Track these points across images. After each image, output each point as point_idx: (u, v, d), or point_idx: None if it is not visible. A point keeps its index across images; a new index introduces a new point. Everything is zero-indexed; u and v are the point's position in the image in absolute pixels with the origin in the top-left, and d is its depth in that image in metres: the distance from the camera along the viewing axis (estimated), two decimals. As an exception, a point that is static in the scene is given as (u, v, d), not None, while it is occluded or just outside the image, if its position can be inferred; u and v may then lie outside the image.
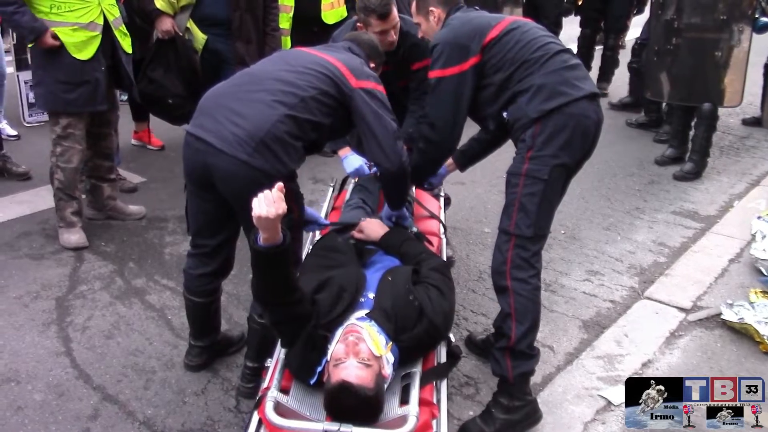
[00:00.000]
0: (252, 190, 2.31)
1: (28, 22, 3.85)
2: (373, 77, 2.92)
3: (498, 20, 2.95)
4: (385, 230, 3.00)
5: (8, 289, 3.81)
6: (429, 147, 3.14)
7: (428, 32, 3.23)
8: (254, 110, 2.64)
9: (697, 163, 5.77)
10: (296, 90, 2.68)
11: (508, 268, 2.86)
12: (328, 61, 2.82)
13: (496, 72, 2.88)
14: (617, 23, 7.66)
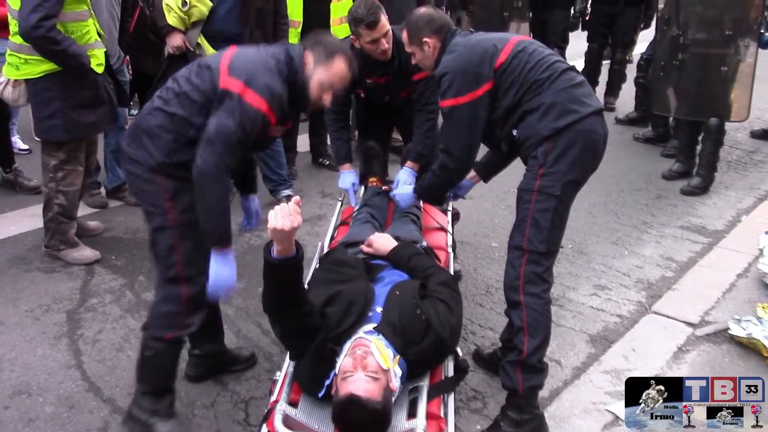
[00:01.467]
0: (129, 175, 2.72)
1: (81, 48, 3.86)
2: (248, 82, 2.53)
3: (503, 42, 2.96)
4: (393, 245, 3.03)
5: (20, 302, 3.85)
6: (445, 172, 3.20)
7: (424, 61, 3.24)
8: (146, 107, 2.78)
9: (705, 177, 5.78)
10: (175, 86, 2.67)
11: (521, 283, 2.90)
12: (219, 55, 2.67)
13: (505, 95, 2.91)
14: (624, 38, 7.68)
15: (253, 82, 2.50)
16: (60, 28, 3.78)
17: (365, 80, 4.06)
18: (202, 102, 2.58)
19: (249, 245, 4.58)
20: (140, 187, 2.72)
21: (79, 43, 3.88)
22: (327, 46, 2.68)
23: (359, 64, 3.97)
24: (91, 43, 3.97)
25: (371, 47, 3.80)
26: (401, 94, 4.08)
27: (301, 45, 2.73)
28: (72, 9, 3.82)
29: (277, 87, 2.54)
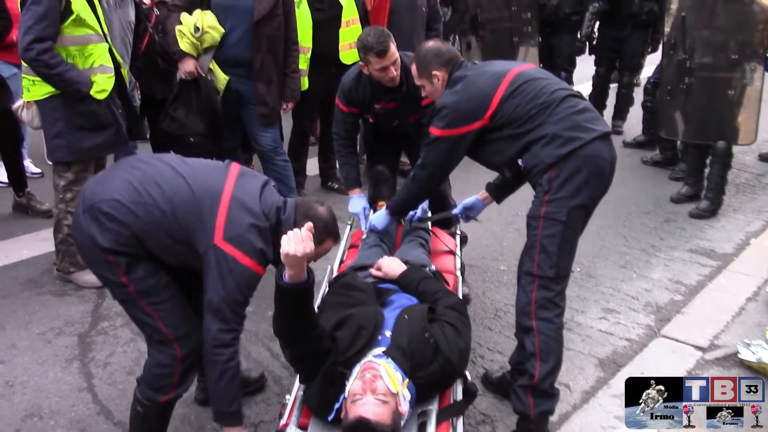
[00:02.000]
0: (78, 245, 2.64)
1: (79, 75, 3.87)
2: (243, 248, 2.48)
3: (500, 81, 3.03)
4: (402, 269, 3.05)
5: (32, 325, 3.88)
6: (414, 183, 3.35)
7: (433, 94, 3.33)
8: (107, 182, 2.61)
9: (713, 200, 5.79)
10: (156, 189, 2.52)
11: (533, 309, 2.93)
12: (217, 200, 2.52)
13: (504, 127, 2.98)
14: (632, 62, 7.72)
15: (252, 251, 2.46)
16: (62, 51, 3.84)
17: (374, 106, 4.11)
18: (180, 234, 2.50)
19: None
20: (89, 260, 2.62)
21: (81, 66, 3.91)
22: (319, 230, 2.50)
23: (368, 91, 4.04)
24: (95, 67, 3.96)
25: (380, 74, 3.86)
26: (410, 118, 4.13)
27: (294, 210, 2.59)
28: (72, 33, 3.84)
29: (268, 253, 2.51)
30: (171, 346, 2.66)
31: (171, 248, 2.52)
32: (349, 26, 5.43)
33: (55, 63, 3.79)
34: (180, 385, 2.74)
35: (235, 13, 4.58)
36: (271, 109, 4.82)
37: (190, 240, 2.48)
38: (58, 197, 4.18)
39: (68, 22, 3.80)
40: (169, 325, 2.64)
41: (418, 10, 5.76)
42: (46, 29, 3.74)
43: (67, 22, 3.80)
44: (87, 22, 3.88)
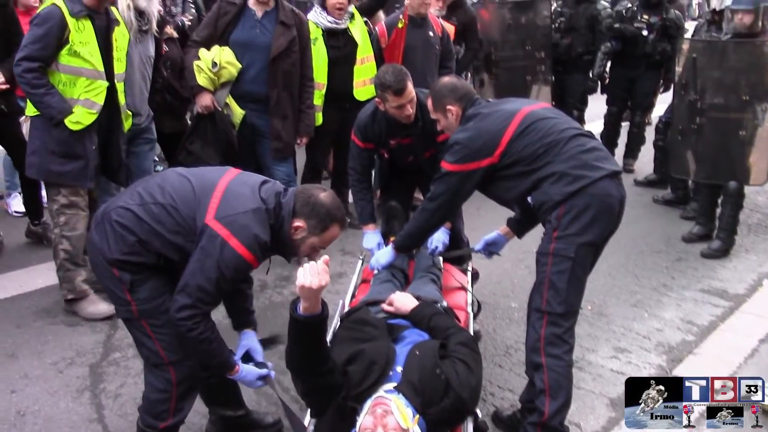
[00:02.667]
0: (90, 261, 2.76)
1: (58, 102, 3.93)
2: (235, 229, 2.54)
3: (510, 119, 3.10)
4: (414, 304, 3.07)
5: (44, 354, 3.90)
6: (422, 215, 3.40)
7: (448, 128, 3.40)
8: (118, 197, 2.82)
9: (725, 240, 5.78)
10: (157, 191, 2.65)
11: (542, 345, 2.95)
12: (212, 186, 2.63)
13: (514, 164, 3.03)
14: (644, 101, 7.77)
15: (240, 231, 2.51)
16: (54, 76, 3.93)
17: (389, 141, 4.17)
18: (182, 225, 2.58)
19: (270, 302, 4.62)
20: (99, 275, 2.74)
21: (67, 95, 3.97)
22: (321, 217, 2.61)
23: (384, 126, 4.10)
24: (79, 99, 4.00)
25: (396, 112, 3.92)
26: (425, 154, 4.18)
27: (293, 197, 2.64)
28: (67, 62, 3.92)
29: (262, 236, 2.55)
30: (166, 371, 2.74)
31: (172, 244, 2.61)
32: (364, 63, 5.50)
33: (36, 83, 3.89)
34: (177, 411, 2.81)
35: (252, 50, 4.67)
36: (286, 143, 4.88)
37: (190, 228, 2.57)
38: (53, 222, 4.25)
39: (64, 50, 3.89)
40: (167, 348, 2.73)
41: (432, 48, 5.83)
42: (38, 51, 3.86)
43: (63, 50, 3.89)
44: (82, 56, 3.94)
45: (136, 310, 2.67)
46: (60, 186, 4.12)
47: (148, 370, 2.82)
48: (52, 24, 3.83)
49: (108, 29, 4.08)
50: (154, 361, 2.75)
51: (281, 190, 2.68)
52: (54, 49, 3.87)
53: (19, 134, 4.70)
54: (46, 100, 3.92)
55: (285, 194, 2.66)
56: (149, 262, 2.64)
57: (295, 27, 4.76)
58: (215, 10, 4.81)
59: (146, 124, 4.83)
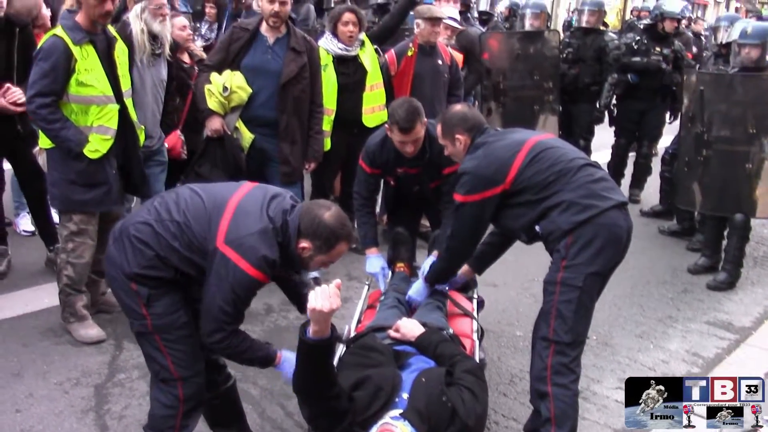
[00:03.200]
0: (107, 275, 2.80)
1: (74, 135, 3.93)
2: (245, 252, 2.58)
3: (519, 148, 3.15)
4: (421, 331, 3.07)
5: (50, 374, 3.90)
6: (447, 254, 3.47)
7: (456, 155, 3.45)
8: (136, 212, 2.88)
9: (731, 273, 5.77)
10: (174, 208, 2.70)
11: (548, 374, 2.95)
12: (222, 206, 2.67)
13: (523, 193, 3.06)
14: (653, 132, 7.82)
15: (249, 253, 2.55)
16: (65, 107, 3.92)
17: (396, 169, 4.20)
18: (195, 243, 2.64)
19: (276, 326, 4.63)
20: (116, 289, 2.80)
21: (80, 123, 3.96)
22: (326, 237, 2.63)
23: (392, 155, 4.14)
24: (93, 126, 3.99)
25: (399, 145, 4.02)
26: (431, 185, 4.22)
27: (298, 216, 2.65)
28: (77, 92, 3.90)
29: (270, 256, 2.58)
30: (174, 386, 2.78)
31: (189, 260, 2.67)
32: (373, 90, 5.56)
33: (52, 119, 3.88)
34: (182, 428, 2.84)
35: (263, 75, 4.72)
36: (294, 168, 4.91)
37: (202, 247, 2.62)
38: (60, 246, 4.25)
39: (72, 80, 3.88)
40: (178, 364, 2.77)
41: (441, 76, 5.89)
42: (48, 85, 3.84)
43: (71, 80, 3.88)
44: (89, 83, 3.92)
45: (151, 324, 2.72)
46: (72, 213, 4.13)
47: (155, 386, 2.85)
48: (57, 56, 3.82)
49: (110, 49, 4.07)
50: (163, 376, 2.78)
51: (288, 208, 2.70)
52: (64, 81, 3.86)
53: (30, 157, 4.73)
54: (63, 134, 3.91)
55: (291, 212, 2.68)
56: (167, 276, 2.69)
57: (306, 53, 4.80)
58: (228, 35, 4.87)
59: (158, 146, 4.86)
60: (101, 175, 4.08)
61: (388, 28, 6.20)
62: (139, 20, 4.44)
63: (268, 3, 4.62)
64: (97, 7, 3.85)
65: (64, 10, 4.14)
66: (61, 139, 3.94)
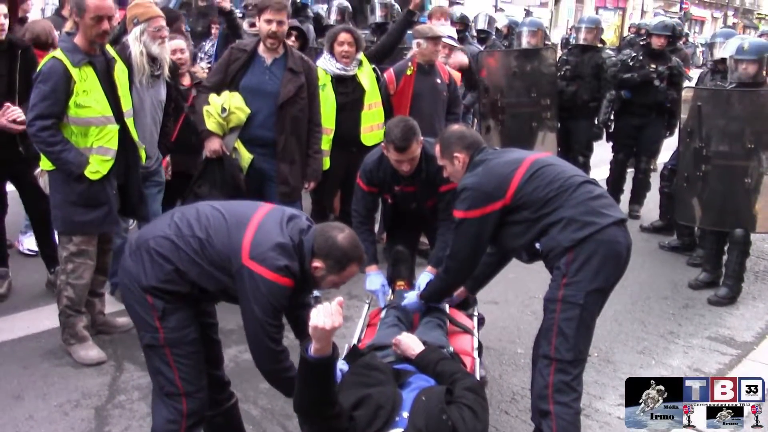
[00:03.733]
0: (121, 285, 2.85)
1: (75, 157, 3.94)
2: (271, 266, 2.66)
3: (518, 164, 3.16)
4: (421, 348, 3.07)
5: (50, 396, 3.89)
6: (447, 275, 3.45)
7: (454, 174, 3.46)
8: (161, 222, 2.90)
9: (732, 288, 5.76)
10: (195, 224, 2.76)
11: (550, 393, 2.94)
12: (243, 225, 2.73)
13: (523, 210, 3.07)
14: (651, 147, 7.84)
15: (273, 265, 2.63)
16: (65, 128, 3.93)
17: (393, 187, 4.22)
18: (217, 259, 2.71)
19: (276, 345, 4.61)
20: (130, 301, 2.83)
21: (80, 145, 3.97)
22: (338, 258, 2.71)
23: (389, 173, 4.15)
24: (93, 148, 4.01)
25: (395, 164, 4.06)
26: (428, 202, 4.24)
27: (313, 237, 2.72)
28: (76, 114, 3.91)
29: (292, 267, 2.66)
30: (179, 401, 2.81)
31: (210, 275, 2.72)
32: (371, 109, 5.59)
33: (53, 141, 3.89)
34: None
35: (261, 96, 4.74)
36: (293, 188, 4.93)
37: (224, 263, 2.68)
38: (61, 268, 4.25)
39: (71, 102, 3.89)
40: (184, 379, 2.80)
41: (439, 95, 5.92)
42: (49, 107, 3.85)
43: (70, 102, 3.89)
44: (88, 105, 3.93)
45: (163, 337, 2.76)
46: (73, 234, 4.14)
47: (159, 401, 2.87)
48: (57, 79, 3.84)
49: (109, 69, 4.09)
50: (168, 390, 2.81)
51: (305, 228, 2.78)
52: (64, 103, 3.87)
53: (32, 179, 4.74)
54: (64, 157, 3.92)
55: (307, 232, 2.75)
56: (183, 290, 2.74)
57: (304, 73, 4.83)
58: (226, 56, 4.90)
59: (155, 167, 4.88)
60: (102, 196, 4.09)
61: (386, 47, 6.25)
62: (138, 42, 4.46)
63: (266, 24, 4.66)
64: (94, 28, 3.88)
65: (63, 33, 4.17)
66: (62, 161, 3.95)
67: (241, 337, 4.57)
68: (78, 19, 3.92)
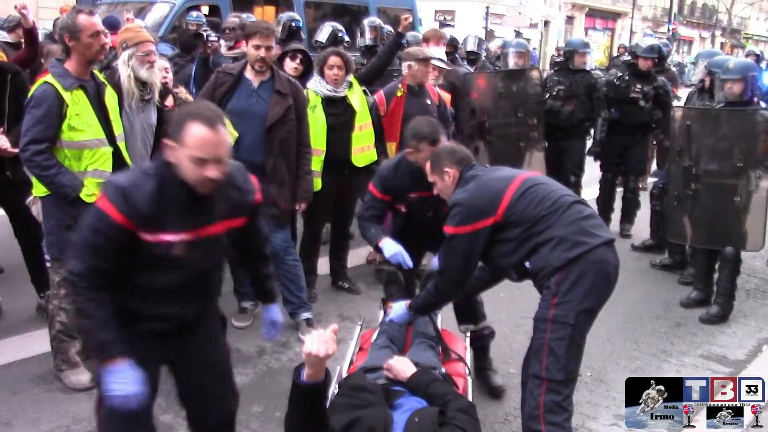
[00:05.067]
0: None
1: (70, 180, 3.93)
2: None
3: (510, 181, 3.20)
4: (413, 370, 3.06)
5: (40, 422, 3.86)
6: (438, 293, 3.44)
7: (444, 190, 3.48)
8: None
9: (723, 306, 5.77)
10: None
11: (541, 413, 2.94)
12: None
13: (514, 228, 3.09)
14: (638, 166, 7.91)
15: (107, 187, 2.55)
16: (59, 152, 3.92)
17: (409, 195, 4.21)
18: None
19: (268, 368, 4.59)
20: None
21: (75, 169, 3.96)
22: (176, 121, 2.51)
23: (405, 180, 4.16)
24: (87, 171, 4.00)
25: (423, 162, 3.96)
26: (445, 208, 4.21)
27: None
28: (69, 137, 3.91)
29: (133, 190, 2.48)
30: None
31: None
32: (362, 130, 5.60)
33: (47, 165, 3.87)
34: None
35: (248, 119, 4.74)
36: (283, 210, 4.92)
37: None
38: (53, 293, 4.22)
39: (64, 126, 3.89)
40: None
41: (430, 116, 5.94)
42: (42, 131, 3.84)
43: (63, 126, 3.89)
44: (81, 128, 3.93)
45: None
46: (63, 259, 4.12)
47: None
48: (49, 103, 3.84)
49: (99, 93, 4.10)
50: None
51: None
52: (57, 127, 3.87)
53: (21, 203, 4.72)
54: (59, 180, 3.91)
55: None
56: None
57: (291, 95, 4.85)
58: (212, 80, 4.91)
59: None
60: None
61: (376, 69, 6.28)
62: (127, 66, 4.48)
63: (254, 49, 4.68)
64: (92, 45, 3.91)
65: (53, 59, 4.17)
66: (56, 185, 3.93)
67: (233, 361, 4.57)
68: (72, 42, 3.92)
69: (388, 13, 11.72)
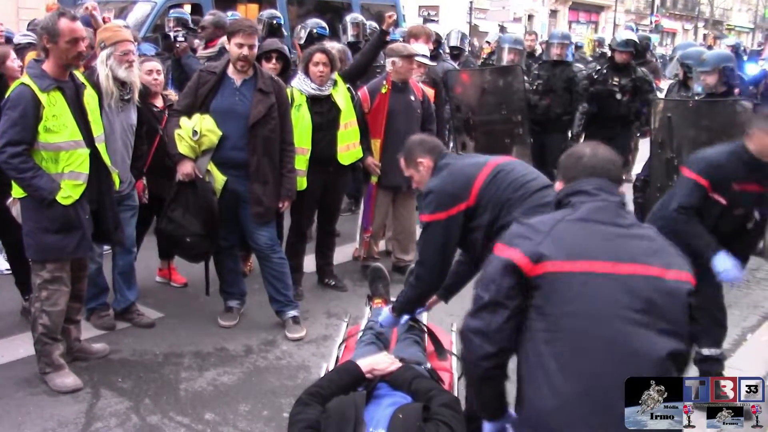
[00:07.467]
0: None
1: (47, 183, 3.92)
2: None
3: (482, 167, 3.23)
4: (396, 366, 3.06)
5: (25, 426, 3.84)
6: (418, 282, 3.43)
7: (421, 182, 3.50)
8: None
9: (707, 295, 5.80)
10: None
11: None
12: None
13: (482, 214, 3.12)
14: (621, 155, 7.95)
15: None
16: (36, 154, 3.91)
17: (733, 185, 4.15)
18: None
19: (255, 367, 4.58)
20: None
21: (51, 171, 3.95)
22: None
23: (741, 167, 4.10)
24: (64, 173, 3.98)
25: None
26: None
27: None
28: (45, 139, 3.89)
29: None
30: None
31: None
32: (347, 128, 5.60)
33: (24, 168, 3.86)
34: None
35: (232, 117, 4.74)
36: (267, 208, 4.92)
37: None
38: (34, 296, 4.19)
39: (40, 127, 3.87)
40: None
41: (414, 112, 5.97)
42: (19, 133, 3.83)
43: (39, 127, 3.87)
44: (57, 130, 3.91)
45: None
46: (46, 261, 4.09)
47: None
48: (25, 104, 3.82)
49: (78, 95, 4.08)
50: None
51: None
52: (34, 128, 3.85)
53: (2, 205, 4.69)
54: (35, 183, 3.89)
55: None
56: None
57: (274, 93, 4.84)
58: (195, 79, 4.90)
59: (128, 191, 4.86)
60: (75, 221, 4.05)
61: (360, 66, 6.27)
62: (105, 66, 4.47)
63: (237, 48, 4.68)
64: (70, 51, 3.89)
65: (31, 60, 4.14)
66: (33, 187, 3.91)
67: (220, 360, 4.58)
68: (50, 44, 3.90)
69: (371, 10, 11.71)
